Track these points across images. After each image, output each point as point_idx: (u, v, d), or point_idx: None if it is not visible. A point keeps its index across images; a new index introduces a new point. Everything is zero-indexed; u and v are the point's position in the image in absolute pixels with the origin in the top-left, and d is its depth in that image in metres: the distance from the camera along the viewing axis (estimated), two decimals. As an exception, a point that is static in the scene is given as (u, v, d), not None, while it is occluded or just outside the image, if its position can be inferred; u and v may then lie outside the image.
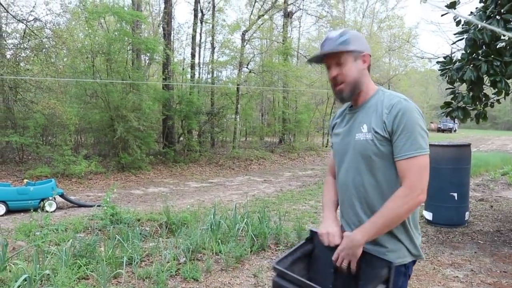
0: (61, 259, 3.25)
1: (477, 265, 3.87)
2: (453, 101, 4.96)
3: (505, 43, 4.22)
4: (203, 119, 15.06)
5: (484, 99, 4.85)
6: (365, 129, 1.49)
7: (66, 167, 9.89)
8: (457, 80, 4.61)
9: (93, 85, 11.38)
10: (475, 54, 4.45)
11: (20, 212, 6.55)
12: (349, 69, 1.50)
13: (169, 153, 13.07)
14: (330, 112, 20.15)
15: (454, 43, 5.02)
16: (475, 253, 4.24)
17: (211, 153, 14.95)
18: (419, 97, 38.88)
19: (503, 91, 4.43)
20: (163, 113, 13.69)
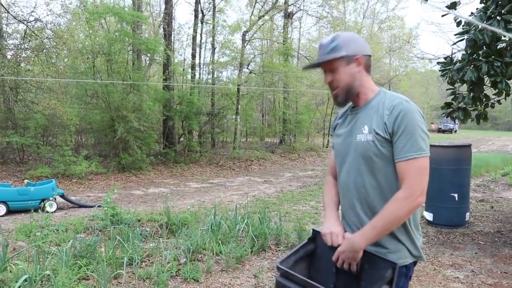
0: (61, 260, 3.25)
1: (477, 266, 3.87)
2: (453, 102, 4.96)
3: (505, 44, 4.22)
4: (203, 119, 15.07)
5: (484, 99, 4.84)
6: (366, 130, 1.49)
7: (66, 168, 9.91)
8: (458, 80, 4.61)
9: (93, 86, 11.40)
10: (475, 54, 4.44)
11: (20, 212, 6.57)
12: (341, 75, 1.52)
13: (170, 154, 13.08)
14: (330, 112, 20.16)
15: (454, 43, 5.03)
16: (476, 254, 4.23)
17: (211, 154, 14.95)
18: (419, 97, 38.92)
19: (504, 92, 4.43)
20: (164, 113, 13.71)
